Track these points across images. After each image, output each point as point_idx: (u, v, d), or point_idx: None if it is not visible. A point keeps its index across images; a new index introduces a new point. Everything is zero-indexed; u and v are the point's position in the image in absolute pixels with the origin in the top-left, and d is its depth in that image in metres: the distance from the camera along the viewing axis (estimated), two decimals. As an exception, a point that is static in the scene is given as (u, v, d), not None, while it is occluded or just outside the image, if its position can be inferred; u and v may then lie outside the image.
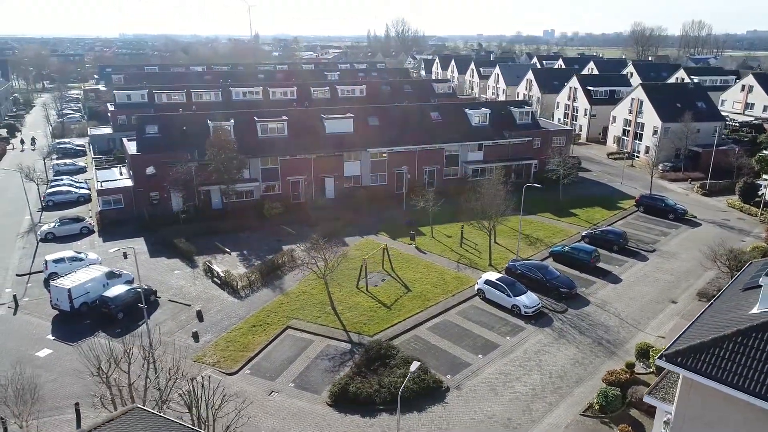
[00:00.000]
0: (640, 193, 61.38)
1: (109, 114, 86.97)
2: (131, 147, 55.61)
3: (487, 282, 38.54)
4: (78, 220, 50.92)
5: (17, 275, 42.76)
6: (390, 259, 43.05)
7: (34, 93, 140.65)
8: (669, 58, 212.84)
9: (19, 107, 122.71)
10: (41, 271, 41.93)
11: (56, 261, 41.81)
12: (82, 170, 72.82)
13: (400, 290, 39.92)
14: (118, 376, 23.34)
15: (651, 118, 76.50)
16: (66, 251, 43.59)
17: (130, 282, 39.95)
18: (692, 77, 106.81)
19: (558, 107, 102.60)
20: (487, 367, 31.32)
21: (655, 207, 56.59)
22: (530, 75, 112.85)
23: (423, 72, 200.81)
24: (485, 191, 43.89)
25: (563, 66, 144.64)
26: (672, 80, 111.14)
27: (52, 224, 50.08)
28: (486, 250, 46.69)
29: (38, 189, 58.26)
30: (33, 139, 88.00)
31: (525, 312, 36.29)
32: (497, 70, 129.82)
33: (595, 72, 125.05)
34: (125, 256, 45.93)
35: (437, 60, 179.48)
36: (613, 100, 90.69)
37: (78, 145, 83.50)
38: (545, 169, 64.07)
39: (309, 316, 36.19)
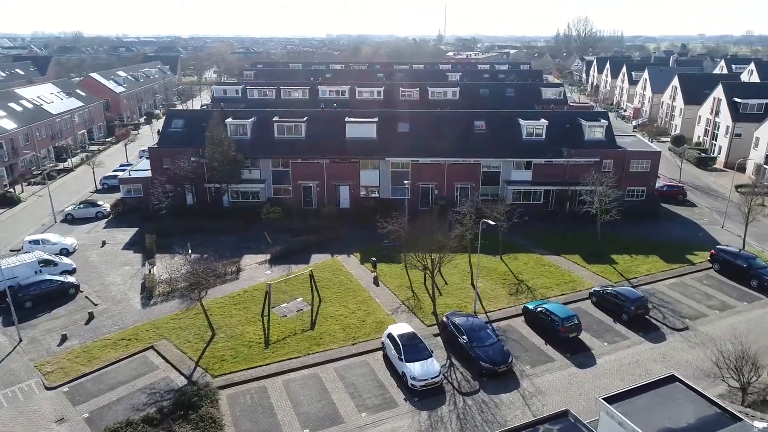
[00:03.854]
0: (741, 245, 45.37)
1: (205, 106, 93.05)
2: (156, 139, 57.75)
3: (389, 336, 30.98)
4: (95, 204, 54.36)
5: (10, 250, 46.77)
6: (316, 287, 37.38)
7: (202, 86, 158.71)
8: None
9: (178, 98, 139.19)
10: (20, 249, 45.17)
11: (32, 242, 44.74)
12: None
13: (303, 326, 34.30)
14: None
15: (800, 144, 56.57)
16: (45, 234, 46.52)
17: (69, 272, 40.86)
18: None
19: (699, 122, 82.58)
20: (299, 448, 24.70)
21: (733, 266, 41.04)
22: (675, 81, 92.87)
23: (584, 75, 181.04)
24: (421, 222, 35.54)
25: (754, 71, 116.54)
26: None
27: (73, 206, 54.18)
28: (457, 292, 38.37)
29: (93, 173, 63.98)
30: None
31: (412, 385, 28.18)
32: (645, 74, 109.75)
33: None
34: (103, 244, 47.61)
35: (594, 62, 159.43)
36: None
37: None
38: (578, 200, 51.29)
39: (180, 339, 32.81)
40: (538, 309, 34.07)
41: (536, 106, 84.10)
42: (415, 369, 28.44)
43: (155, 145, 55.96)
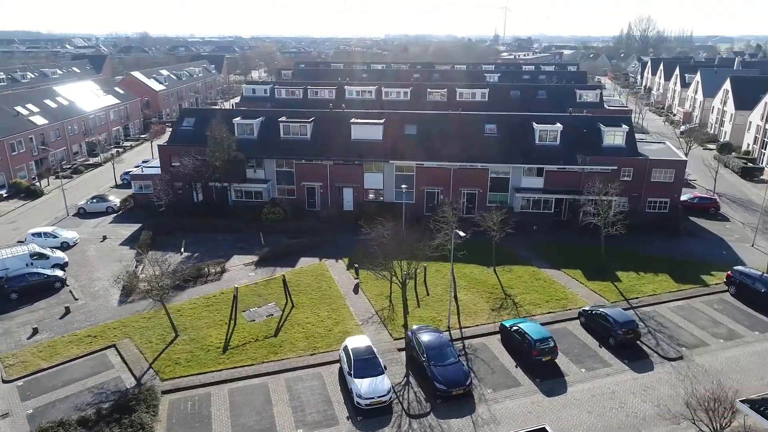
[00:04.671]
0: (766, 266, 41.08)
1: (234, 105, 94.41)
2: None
3: (345, 349, 29.62)
4: (106, 199, 55.78)
5: (18, 242, 48.50)
6: (288, 292, 36.46)
7: (248, 84, 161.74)
8: None
9: (221, 97, 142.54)
10: (23, 241, 46.73)
11: (35, 234, 46.26)
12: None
13: (268, 332, 33.44)
14: None
15: None
16: (47, 227, 47.96)
17: (60, 266, 41.81)
18: None
19: (749, 129, 76.09)
20: (223, 462, 23.74)
21: (750, 291, 36.97)
22: (727, 84, 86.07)
23: (639, 77, 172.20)
24: (390, 231, 33.79)
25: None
26: None
27: (85, 201, 55.78)
28: (436, 304, 36.49)
29: (114, 168, 65.91)
30: None
31: (357, 403, 26.70)
32: (698, 76, 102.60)
33: None
34: (104, 239, 48.67)
35: (648, 64, 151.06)
36: (824, 124, 62.95)
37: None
38: (582, 211, 47.47)
39: (142, 339, 32.69)
40: (513, 328, 31.70)
41: (568, 109, 79.96)
42: (363, 386, 26.93)
43: (165, 143, 56.80)
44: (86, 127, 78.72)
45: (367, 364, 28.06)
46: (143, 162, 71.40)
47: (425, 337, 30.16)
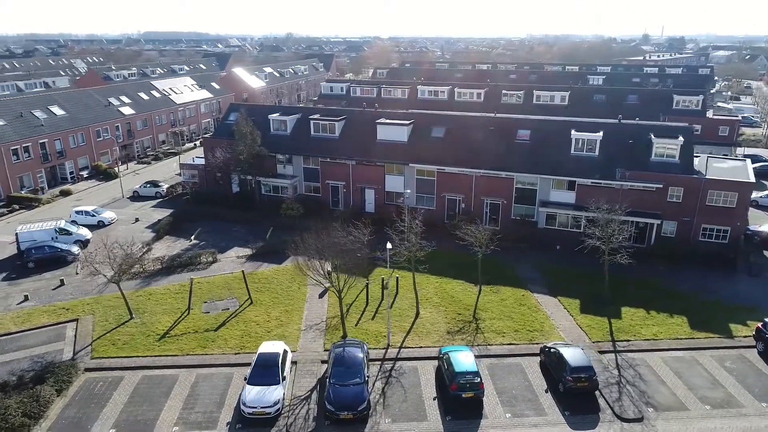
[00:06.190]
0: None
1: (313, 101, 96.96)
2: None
3: (256, 353, 28.79)
4: (157, 185, 60.48)
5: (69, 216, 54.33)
6: (248, 289, 36.40)
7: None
8: None
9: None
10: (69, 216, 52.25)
11: (78, 212, 51.53)
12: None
13: (212, 326, 33.67)
14: None
15: None
16: (89, 206, 53.00)
17: (82, 242, 46.00)
18: None
19: None
20: (89, 447, 24.25)
21: (779, 351, 29.44)
22: None
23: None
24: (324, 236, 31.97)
25: None
26: None
27: (140, 185, 60.95)
28: (393, 319, 34.19)
29: (179, 159, 71.18)
30: None
31: (242, 410, 25.80)
32: None
33: None
34: (136, 221, 52.75)
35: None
36: None
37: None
38: (583, 235, 40.47)
39: (101, 318, 34.72)
40: (444, 356, 28.48)
41: (662, 116, 70.58)
42: (251, 393, 25.97)
43: (209, 135, 60.01)
44: (174, 118, 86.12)
45: (265, 371, 27.03)
46: (195, 157, 76.42)
47: (339, 353, 28.24)
